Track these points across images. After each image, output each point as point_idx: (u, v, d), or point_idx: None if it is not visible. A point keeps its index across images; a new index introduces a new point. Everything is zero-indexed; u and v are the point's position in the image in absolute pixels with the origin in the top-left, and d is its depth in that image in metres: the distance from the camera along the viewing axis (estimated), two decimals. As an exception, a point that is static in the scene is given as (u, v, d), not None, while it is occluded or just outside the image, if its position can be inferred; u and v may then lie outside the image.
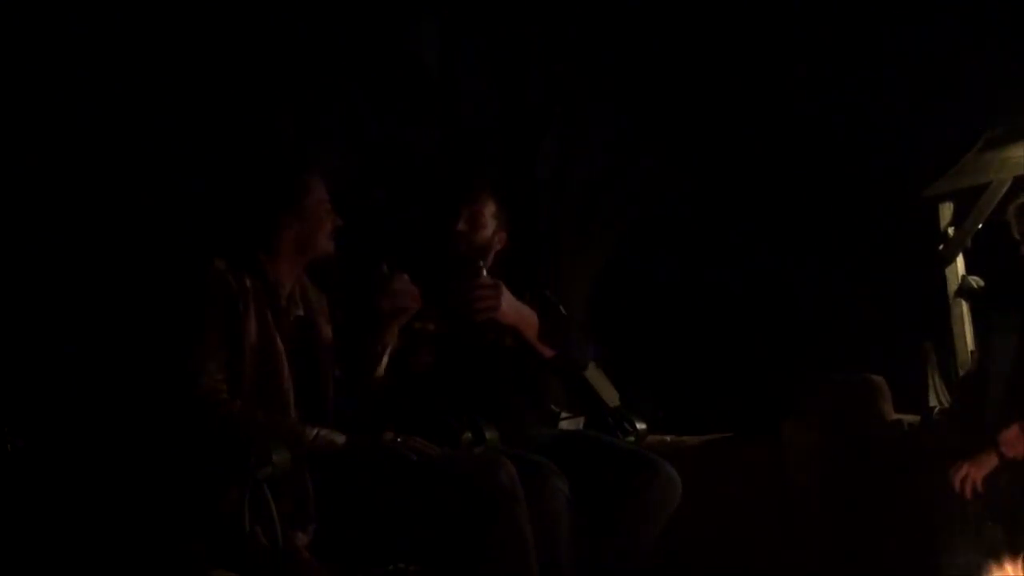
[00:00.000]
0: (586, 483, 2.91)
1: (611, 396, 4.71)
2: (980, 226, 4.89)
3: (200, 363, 2.53)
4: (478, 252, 3.10)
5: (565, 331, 3.14)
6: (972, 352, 4.73)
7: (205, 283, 2.60)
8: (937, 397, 4.55)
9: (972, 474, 3.36)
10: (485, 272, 2.98)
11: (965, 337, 4.88)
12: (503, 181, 8.38)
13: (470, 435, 2.85)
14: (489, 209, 3.16)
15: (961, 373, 4.66)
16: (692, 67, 8.17)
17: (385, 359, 2.88)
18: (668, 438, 4.57)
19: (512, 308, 2.98)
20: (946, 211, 5.07)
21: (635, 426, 3.24)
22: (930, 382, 4.60)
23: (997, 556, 3.13)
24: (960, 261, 5.01)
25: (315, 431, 2.61)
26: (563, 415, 3.66)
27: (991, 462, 3.38)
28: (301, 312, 2.81)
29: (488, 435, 2.87)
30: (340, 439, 2.65)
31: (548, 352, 3.09)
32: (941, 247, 5.05)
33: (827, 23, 7.98)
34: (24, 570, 3.02)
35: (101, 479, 2.94)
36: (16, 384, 4.02)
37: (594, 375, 4.77)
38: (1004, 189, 4.74)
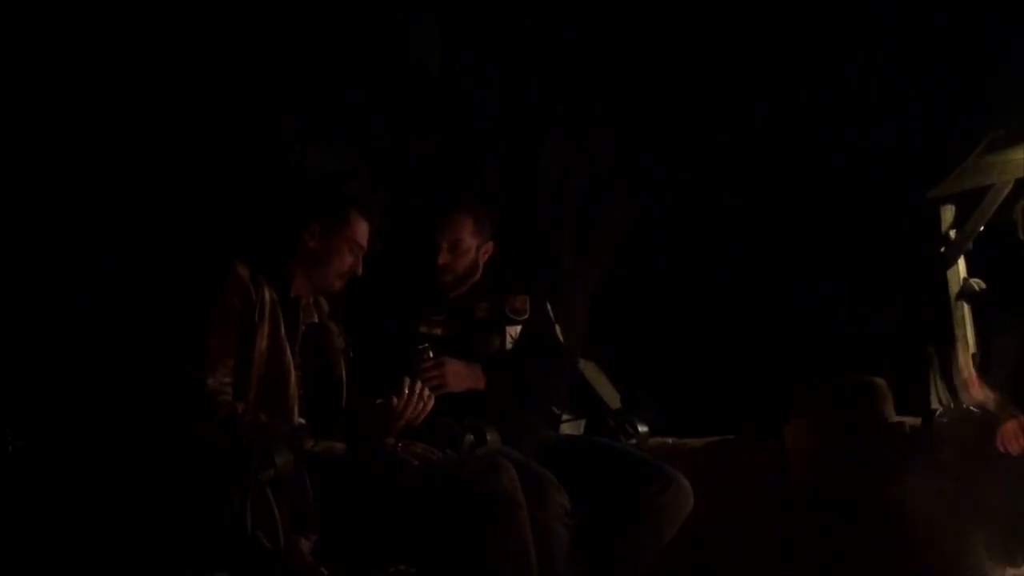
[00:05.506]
0: (594, 490, 2.92)
1: (612, 398, 4.72)
2: (982, 228, 4.89)
3: (210, 367, 2.54)
4: (464, 277, 3.22)
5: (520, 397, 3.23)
6: (974, 355, 4.73)
7: (224, 290, 2.60)
8: (939, 400, 4.54)
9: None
10: (431, 353, 3.09)
11: (967, 340, 4.87)
12: (503, 181, 8.38)
13: (472, 437, 2.86)
14: (467, 231, 3.22)
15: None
16: (693, 67, 8.15)
17: None
18: (670, 440, 4.57)
19: (460, 376, 3.11)
20: (948, 213, 5.06)
21: (636, 428, 3.25)
22: (932, 384, 4.59)
23: (999, 559, 3.13)
24: (962, 264, 5.00)
25: (313, 442, 2.60)
26: (564, 417, 3.66)
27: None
28: (315, 319, 2.81)
29: (489, 436, 2.88)
30: (340, 447, 2.65)
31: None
32: (943, 249, 5.04)
33: (827, 24, 7.98)
34: (24, 570, 3.01)
35: (102, 480, 2.94)
36: (16, 384, 4.01)
37: (595, 377, 4.78)
38: (1006, 191, 4.73)
